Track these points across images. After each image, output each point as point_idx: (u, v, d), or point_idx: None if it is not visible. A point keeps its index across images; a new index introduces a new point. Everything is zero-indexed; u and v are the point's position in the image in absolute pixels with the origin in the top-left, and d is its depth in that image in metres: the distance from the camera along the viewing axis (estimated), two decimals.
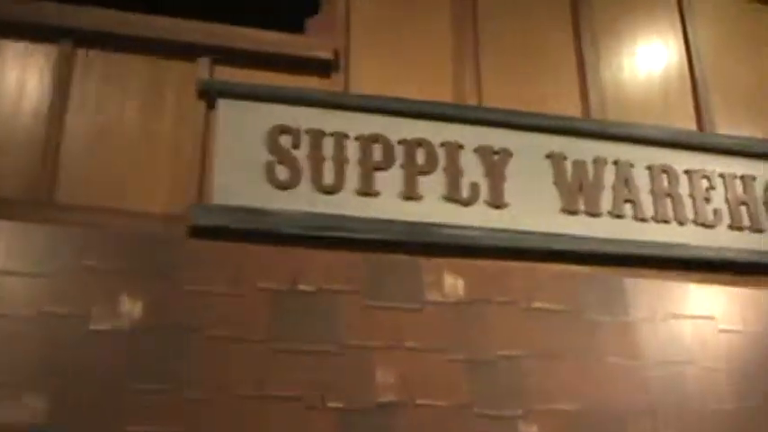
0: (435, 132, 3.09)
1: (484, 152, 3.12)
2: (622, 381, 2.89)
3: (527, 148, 3.17)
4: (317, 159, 2.96)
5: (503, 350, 2.81)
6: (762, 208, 3.42)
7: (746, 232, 3.35)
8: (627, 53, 3.60)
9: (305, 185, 2.92)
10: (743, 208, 3.39)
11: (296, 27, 3.24)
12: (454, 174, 3.06)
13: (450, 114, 3.14)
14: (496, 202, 3.06)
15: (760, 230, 3.38)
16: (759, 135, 3.59)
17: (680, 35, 3.71)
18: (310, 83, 3.13)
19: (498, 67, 3.34)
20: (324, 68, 3.16)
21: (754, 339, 3.13)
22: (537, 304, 2.91)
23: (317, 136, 2.99)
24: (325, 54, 3.16)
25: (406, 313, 2.80)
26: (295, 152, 2.95)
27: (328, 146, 2.99)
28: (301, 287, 2.75)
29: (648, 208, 3.24)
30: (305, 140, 2.98)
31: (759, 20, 3.88)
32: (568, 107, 3.36)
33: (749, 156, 3.48)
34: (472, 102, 3.24)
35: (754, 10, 3.88)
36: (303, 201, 2.89)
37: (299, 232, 2.83)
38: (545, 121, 3.23)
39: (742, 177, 3.44)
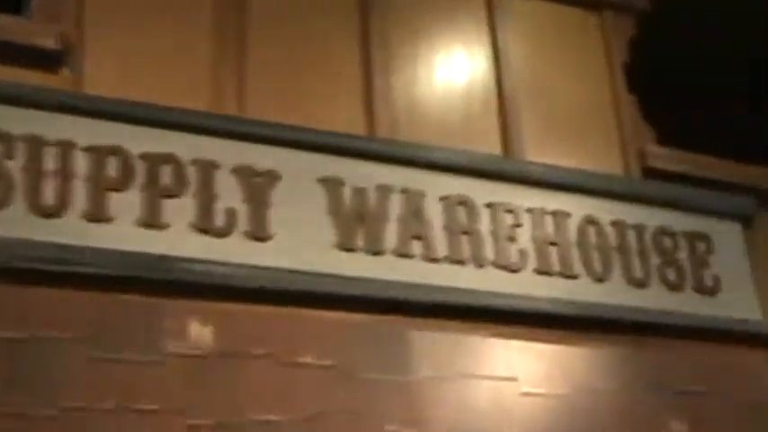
0: (186, 147, 3.30)
1: (245, 173, 3.36)
2: None
3: (297, 171, 3.43)
4: (35, 173, 3.10)
5: (258, 414, 3.03)
6: (575, 250, 3.85)
7: (557, 278, 3.76)
8: (423, 63, 3.99)
9: (19, 206, 3.05)
10: (553, 249, 3.80)
11: (15, 7, 3.37)
12: (207, 198, 3.28)
13: (205, 125, 3.36)
14: (258, 234, 3.31)
15: (572, 277, 3.80)
16: (575, 164, 4.04)
17: (487, 43, 4.13)
18: (31, 78, 3.26)
19: (267, 73, 3.62)
20: (49, 61, 3.32)
21: (561, 404, 3.52)
22: (302, 358, 3.16)
23: (37, 144, 3.13)
24: (49, 43, 3.32)
25: (140, 367, 2.97)
26: (7, 163, 3.09)
27: (50, 157, 3.13)
28: (8, 334, 2.88)
29: (442, 246, 3.58)
30: (20, 149, 3.11)
31: (581, 29, 4.37)
32: (350, 123, 3.68)
33: (563, 188, 3.91)
34: (232, 112, 3.49)
35: (577, 17, 4.38)
36: (15, 225, 3.03)
37: (7, 264, 2.96)
38: (321, 139, 3.52)
39: (553, 213, 3.85)
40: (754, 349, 4.11)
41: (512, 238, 3.75)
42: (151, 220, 3.21)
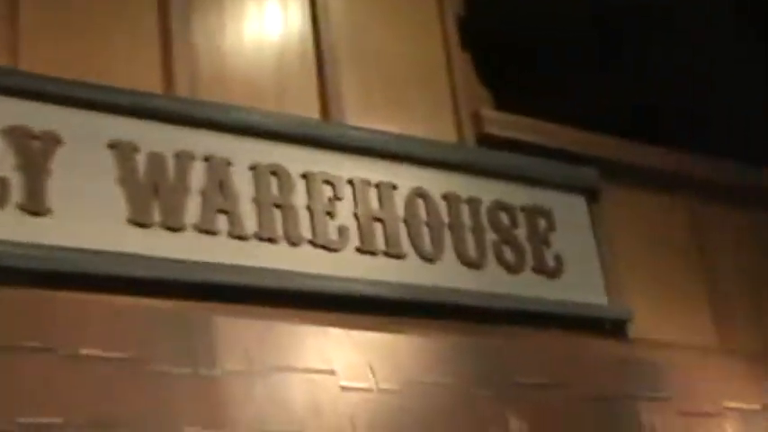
0: None
1: (18, 135, 3.25)
2: None
3: (82, 133, 3.35)
4: None
5: (32, 417, 2.93)
6: (402, 227, 3.88)
7: (381, 258, 3.78)
8: (230, 13, 3.93)
9: None
10: (377, 226, 3.82)
11: None
12: None
13: None
14: (34, 207, 3.20)
15: (399, 256, 3.82)
16: (402, 130, 4.07)
17: None
18: None
19: (46, 19, 3.50)
20: None
21: (386, 400, 3.54)
22: (87, 351, 3.08)
23: None
24: None
25: None
26: None
27: None
28: None
29: (251, 222, 3.55)
30: None
31: None
32: (144, 80, 3.60)
33: (389, 157, 3.94)
34: (4, 62, 3.37)
35: None
36: None
37: None
38: (110, 97, 3.44)
39: (378, 185, 3.88)
40: (598, 336, 4.21)
41: (331, 213, 3.75)
42: None
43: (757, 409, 4.39)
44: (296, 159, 3.73)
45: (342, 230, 3.74)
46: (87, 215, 3.28)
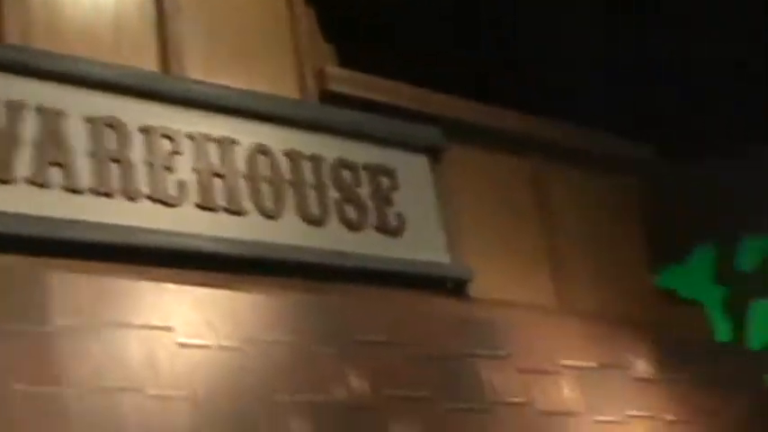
0: None
1: None
2: (35, 417, 3.05)
3: None
4: None
5: None
6: (243, 183, 3.87)
7: (221, 214, 3.78)
8: None
9: None
10: (218, 181, 3.81)
11: None
12: None
13: None
14: None
15: (239, 213, 3.82)
16: (244, 85, 4.05)
17: None
18: None
19: None
20: None
21: (225, 357, 3.53)
22: None
23: None
24: None
25: None
26: None
27: None
28: None
29: (85, 175, 3.50)
30: None
31: None
32: None
33: (230, 112, 3.93)
34: None
35: None
36: None
37: None
38: None
39: (219, 141, 3.86)
40: (439, 294, 4.26)
41: (169, 168, 3.72)
42: None
43: (594, 367, 4.50)
44: (134, 113, 3.69)
45: (181, 185, 3.71)
46: None
